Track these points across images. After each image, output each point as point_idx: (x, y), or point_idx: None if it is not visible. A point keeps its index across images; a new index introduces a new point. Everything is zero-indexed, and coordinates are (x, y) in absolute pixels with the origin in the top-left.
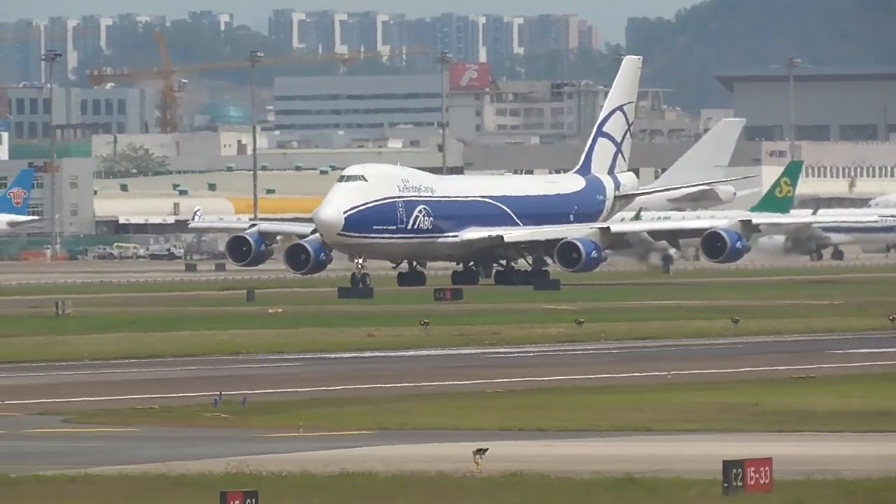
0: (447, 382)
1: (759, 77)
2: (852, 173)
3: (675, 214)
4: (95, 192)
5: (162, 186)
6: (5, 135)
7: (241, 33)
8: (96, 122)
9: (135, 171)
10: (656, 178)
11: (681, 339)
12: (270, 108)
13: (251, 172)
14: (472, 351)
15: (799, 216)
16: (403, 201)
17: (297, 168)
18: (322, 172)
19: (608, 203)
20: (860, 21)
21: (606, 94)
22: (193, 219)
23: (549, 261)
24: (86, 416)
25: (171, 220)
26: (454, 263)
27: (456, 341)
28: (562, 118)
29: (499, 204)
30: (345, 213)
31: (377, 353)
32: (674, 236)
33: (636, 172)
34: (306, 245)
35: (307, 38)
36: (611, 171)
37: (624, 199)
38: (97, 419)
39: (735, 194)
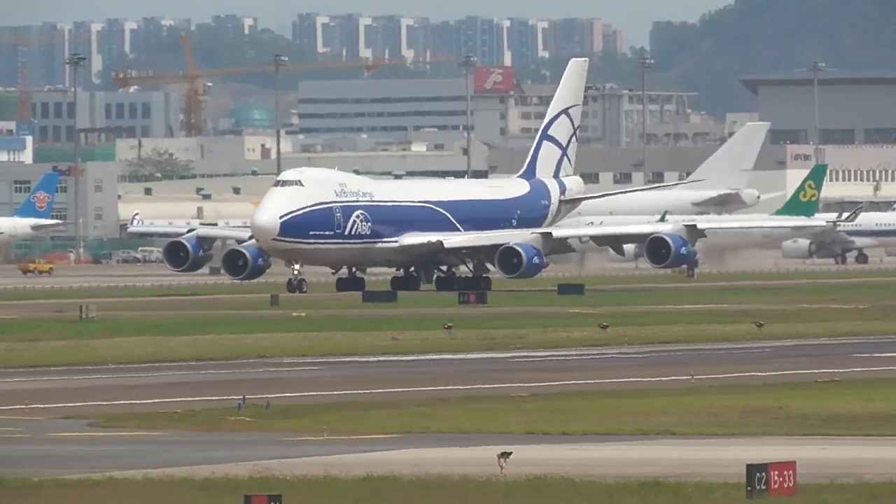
0: (472, 386)
1: (784, 81)
2: (877, 177)
3: (629, 219)
4: (119, 196)
5: (186, 190)
6: (29, 139)
7: (265, 37)
8: (120, 126)
9: (159, 175)
10: (681, 181)
11: (705, 343)
12: (294, 111)
13: (275, 176)
14: (497, 355)
15: (818, 220)
16: (341, 206)
17: None
18: None
19: (553, 207)
20: (885, 25)
21: (631, 97)
22: (132, 223)
23: (490, 266)
24: (110, 420)
25: (195, 224)
26: (394, 269)
27: (480, 345)
28: (586, 121)
29: (439, 209)
30: (280, 218)
31: (401, 357)
32: (617, 241)
33: (661, 176)
34: (244, 250)
35: (331, 42)
36: (556, 175)
37: (570, 204)
38: (121, 423)
39: (759, 198)
